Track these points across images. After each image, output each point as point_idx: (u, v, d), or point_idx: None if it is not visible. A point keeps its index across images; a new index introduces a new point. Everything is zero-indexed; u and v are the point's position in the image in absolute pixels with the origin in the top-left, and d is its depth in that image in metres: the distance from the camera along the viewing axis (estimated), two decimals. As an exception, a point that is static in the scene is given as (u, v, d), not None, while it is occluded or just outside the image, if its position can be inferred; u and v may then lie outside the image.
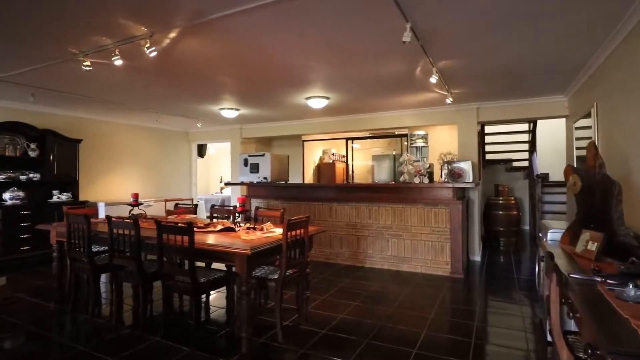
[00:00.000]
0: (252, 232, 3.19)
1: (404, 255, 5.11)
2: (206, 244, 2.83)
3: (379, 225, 5.28)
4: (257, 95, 5.22)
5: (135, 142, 7.53)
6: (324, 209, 5.70)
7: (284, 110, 6.30)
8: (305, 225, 3.16)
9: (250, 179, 6.04)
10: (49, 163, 5.77)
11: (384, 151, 9.91)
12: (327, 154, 9.64)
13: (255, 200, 6.31)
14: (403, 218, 5.11)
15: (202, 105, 5.89)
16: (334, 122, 7.12)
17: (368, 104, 5.84)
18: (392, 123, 6.54)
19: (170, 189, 8.30)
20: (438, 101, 5.55)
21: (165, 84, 4.63)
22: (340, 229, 5.57)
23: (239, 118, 7.22)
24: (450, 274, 4.82)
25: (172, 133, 8.39)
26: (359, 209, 5.43)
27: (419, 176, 4.92)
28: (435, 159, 5.73)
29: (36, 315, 3.53)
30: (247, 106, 5.98)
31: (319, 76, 4.30)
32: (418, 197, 4.99)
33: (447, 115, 6.01)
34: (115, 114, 6.66)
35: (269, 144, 9.16)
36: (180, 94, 5.14)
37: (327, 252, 5.67)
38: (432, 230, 4.94)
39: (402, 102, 5.70)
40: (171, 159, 8.37)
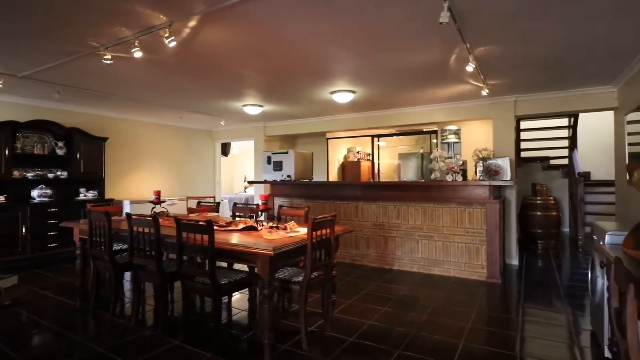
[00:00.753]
0: (275, 232, 3.00)
1: (436, 257, 4.81)
2: (227, 244, 2.66)
3: (408, 226, 5.00)
4: (281, 89, 5.06)
5: (160, 141, 7.54)
6: (349, 208, 5.47)
7: (307, 106, 6.11)
8: (331, 225, 2.95)
9: (274, 177, 5.89)
10: (76, 161, 5.82)
11: (411, 149, 9.60)
12: (351, 152, 9.40)
13: (279, 198, 6.15)
14: (434, 218, 4.81)
15: (225, 102, 5.79)
16: (359, 119, 6.87)
17: (396, 98, 5.56)
18: (421, 119, 6.23)
19: (194, 187, 8.29)
20: (472, 94, 5.21)
21: (187, 79, 4.53)
22: (366, 229, 5.33)
23: (262, 116, 7.10)
24: (486, 279, 4.48)
25: (196, 131, 8.38)
26: (386, 208, 5.17)
27: (451, 174, 4.62)
28: (469, 156, 5.38)
29: (58, 313, 3.48)
30: (270, 102, 5.83)
31: (345, 67, 4.08)
32: (451, 196, 4.68)
33: (481, 109, 5.65)
34: (140, 112, 6.68)
35: (292, 142, 9.01)
36: (203, 89, 5.04)
37: (353, 253, 5.44)
38: (466, 231, 4.62)
39: (433, 96, 5.39)
40: (195, 157, 8.36)
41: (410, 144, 9.67)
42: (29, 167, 5.49)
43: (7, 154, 5.07)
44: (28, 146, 5.46)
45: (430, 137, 7.61)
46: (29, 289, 4.14)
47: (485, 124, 6.51)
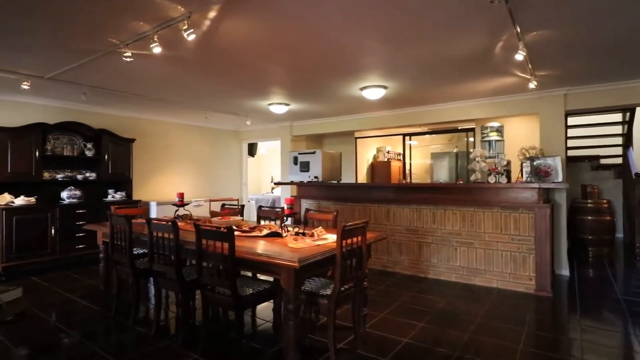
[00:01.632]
0: (300, 239, 2.75)
1: (476, 266, 4.41)
2: (248, 253, 2.43)
3: (444, 231, 4.62)
4: (307, 86, 4.81)
5: (186, 141, 7.50)
6: (380, 211, 5.14)
7: (336, 104, 5.83)
8: (362, 232, 2.66)
9: (300, 178, 5.66)
10: (104, 162, 5.81)
11: (444, 148, 9.13)
12: (381, 151, 9.04)
13: (305, 201, 5.91)
14: (474, 223, 4.41)
15: (250, 101, 5.61)
16: (390, 117, 6.52)
17: (430, 94, 5.18)
18: (457, 115, 5.80)
19: (221, 189, 8.20)
20: (516, 87, 4.76)
21: (210, 77, 4.36)
22: (399, 234, 4.98)
23: (289, 115, 6.89)
24: (535, 292, 4.04)
25: (223, 132, 8.29)
26: (420, 212, 4.80)
27: (494, 174, 4.21)
28: (512, 155, 4.93)
29: (78, 318, 3.38)
30: (296, 100, 5.60)
31: (377, 60, 3.77)
32: (494, 200, 4.27)
33: (526, 104, 5.17)
34: (166, 113, 6.63)
35: (320, 141, 8.76)
36: (227, 88, 4.87)
37: (384, 260, 5.11)
38: (511, 238, 4.19)
39: (471, 91, 4.98)
40: (222, 158, 8.27)
41: (443, 143, 9.18)
42: (59, 168, 5.53)
43: (37, 155, 5.11)
44: (58, 148, 5.49)
45: (467, 135, 7.15)
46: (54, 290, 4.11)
47: (528, 120, 6.00)
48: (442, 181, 5.70)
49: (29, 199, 5.01)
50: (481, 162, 4.33)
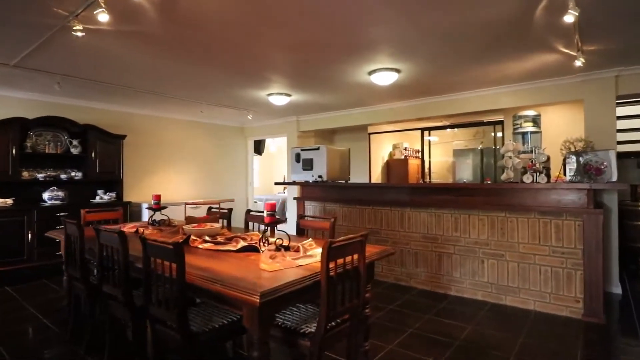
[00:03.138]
0: (280, 256, 2.11)
1: (508, 283, 3.66)
2: (201, 277, 1.81)
3: (469, 240, 3.89)
4: (309, 71, 4.17)
5: (186, 138, 6.98)
6: (393, 215, 4.45)
7: (343, 93, 5.17)
8: (360, 249, 2.00)
9: (304, 178, 5.02)
10: (91, 160, 5.35)
11: (468, 144, 8.31)
12: (398, 148, 8.31)
13: (310, 202, 5.28)
14: (506, 231, 3.66)
15: (247, 91, 5.01)
16: (406, 108, 5.80)
17: (451, 79, 4.45)
18: (483, 105, 5.03)
19: (225, 188, 7.67)
20: (555, 68, 3.98)
21: (193, 62, 3.78)
22: (414, 242, 4.28)
23: (294, 108, 6.27)
24: (583, 317, 3.27)
25: (226, 128, 7.75)
26: (440, 217, 4.08)
27: (530, 173, 3.45)
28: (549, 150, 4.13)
29: (29, 342, 2.85)
30: (298, 90, 4.96)
31: (386, 33, 3.09)
32: (530, 203, 3.51)
33: (567, 90, 4.36)
34: (159, 107, 6.12)
35: (330, 138, 8.11)
36: (215, 75, 4.29)
37: (397, 272, 4.41)
38: (552, 250, 3.43)
39: (501, 74, 4.21)
40: (225, 156, 7.73)
41: (467, 139, 8.36)
42: (41, 167, 5.10)
43: (14, 153, 4.67)
44: (40, 145, 5.06)
45: (494, 129, 6.34)
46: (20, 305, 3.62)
47: (566, 109, 5.16)
48: (465, 181, 4.95)
49: (4, 201, 4.57)
50: (514, 157, 3.58)
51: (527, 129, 4.03)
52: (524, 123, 4.06)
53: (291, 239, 2.36)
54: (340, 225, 4.93)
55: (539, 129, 4.04)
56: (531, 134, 4.06)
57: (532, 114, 4.06)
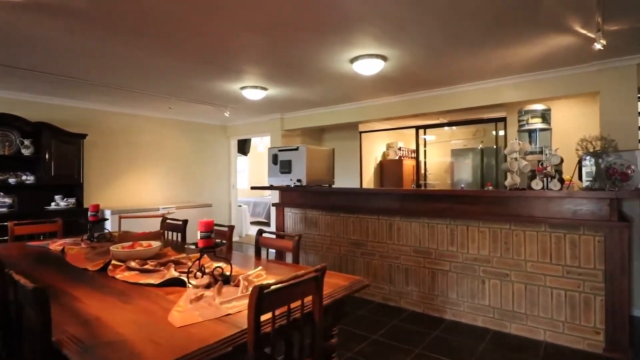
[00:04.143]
0: (208, 297, 1.55)
1: (513, 308, 3.10)
2: (71, 338, 1.25)
3: (467, 256, 3.33)
4: (282, 60, 3.60)
5: (161, 137, 6.42)
6: (380, 225, 3.89)
7: (326, 86, 4.61)
8: (313, 289, 1.44)
9: (281, 182, 4.46)
10: (45, 163, 4.79)
11: (467, 144, 7.76)
12: (392, 148, 7.74)
13: (290, 209, 4.72)
14: (511, 247, 3.10)
15: (216, 84, 4.45)
16: (398, 104, 5.24)
17: (447, 69, 3.89)
18: (484, 99, 4.48)
19: (205, 191, 7.10)
20: (565, 55, 3.42)
21: (143, 46, 3.22)
22: (405, 256, 3.72)
23: (278, 105, 5.72)
24: (604, 352, 2.71)
25: (207, 126, 7.18)
26: (434, 228, 3.52)
27: (540, 178, 2.88)
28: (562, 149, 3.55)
29: None
30: (275, 82, 4.39)
31: (368, 9, 2.52)
32: (540, 214, 2.95)
33: (581, 81, 3.79)
34: (126, 104, 5.55)
35: (318, 137, 7.54)
36: (174, 63, 3.72)
37: (385, 290, 3.85)
38: (566, 270, 2.86)
39: (505, 62, 3.65)
40: (206, 156, 7.16)
41: (466, 138, 7.80)
42: (-15, 170, 4.54)
43: (-50, 154, 4.11)
44: (-15, 145, 4.49)
45: (496, 127, 5.77)
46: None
47: (576, 103, 4.60)
48: (463, 186, 4.37)
49: (-62, 209, 4.01)
50: (520, 160, 3.02)
51: (534, 126, 3.47)
52: (531, 119, 3.50)
53: (241, 264, 1.81)
54: (322, 235, 4.37)
55: (549, 126, 3.47)
56: (540, 131, 3.50)
57: (540, 108, 3.50)
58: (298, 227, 4.64)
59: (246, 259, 2.43)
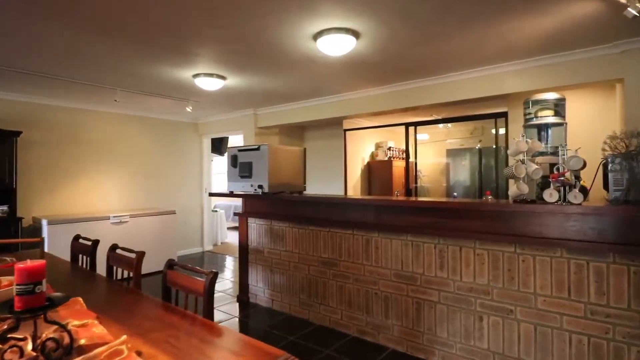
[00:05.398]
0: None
1: (519, 355, 2.40)
2: None
3: (460, 285, 2.63)
4: (231, 35, 2.89)
5: (119, 136, 5.70)
6: (356, 242, 3.19)
7: (293, 73, 3.90)
8: None
9: (241, 188, 3.76)
10: (-33, 165, 4.08)
11: (464, 143, 7.10)
12: (381, 147, 7.05)
13: (254, 220, 4.02)
14: (516, 275, 2.40)
15: (163, 70, 3.73)
16: (384, 97, 4.54)
17: (433, 50, 3.19)
18: (480, 89, 3.78)
19: (173, 196, 6.39)
20: (582, 31, 2.73)
21: (69, 24, 2.51)
22: (384, 281, 3.02)
23: (250, 99, 5.03)
24: None
25: (174, 124, 6.47)
26: (419, 247, 2.82)
27: (555, 187, 2.18)
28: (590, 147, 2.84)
29: None
30: (232, 68, 3.68)
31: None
32: (555, 234, 2.25)
33: (599, 65, 3.09)
34: (69, 96, 4.83)
35: (299, 136, 6.83)
36: (98, 40, 3.01)
37: (360, 321, 3.15)
38: (589, 310, 2.17)
39: (504, 42, 2.96)
40: (174, 157, 6.45)
41: (463, 136, 7.13)
42: None
43: None
44: None
45: (496, 123, 5.06)
46: None
47: (589, 94, 3.90)
48: (456, 195, 3.65)
49: None
50: (529, 162, 2.32)
51: (545, 120, 2.76)
52: (541, 111, 2.80)
53: (123, 320, 1.10)
54: (289, 252, 3.68)
55: (563, 120, 2.77)
56: (551, 127, 2.79)
57: (552, 97, 2.79)
58: (263, 240, 3.94)
59: (138, 306, 1.70)
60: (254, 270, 4.04)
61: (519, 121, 3.95)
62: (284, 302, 3.74)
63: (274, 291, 3.84)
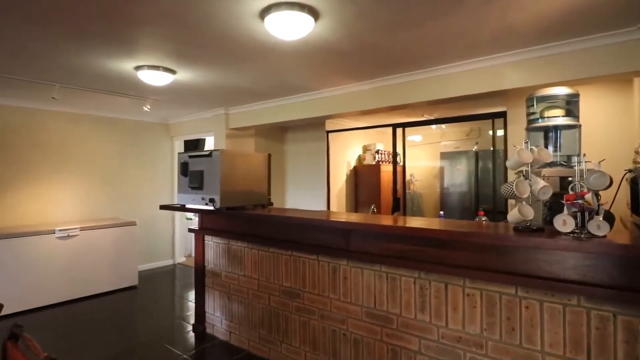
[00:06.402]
0: None
1: None
2: None
3: (446, 332, 2.05)
4: (176, 18, 2.32)
5: (76, 138, 5.12)
6: (322, 270, 2.62)
7: (251, 66, 3.33)
8: None
9: (191, 201, 3.18)
10: None
11: (460, 145, 6.56)
12: (369, 151, 6.47)
13: (212, 238, 3.45)
14: (517, 326, 1.83)
15: (99, 61, 3.15)
16: (368, 93, 3.98)
17: (417, 33, 2.62)
18: (476, 85, 3.22)
19: (139, 204, 5.81)
20: (595, 16, 2.16)
21: None
22: (354, 320, 2.44)
23: (220, 98, 4.47)
24: None
25: (141, 125, 5.90)
26: (396, 282, 2.25)
27: (570, 212, 1.61)
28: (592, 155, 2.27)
29: None
30: (181, 60, 3.11)
31: None
32: (568, 275, 1.68)
33: (619, 54, 2.52)
34: (3, 93, 4.27)
35: (279, 138, 6.25)
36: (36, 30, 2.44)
37: (327, 368, 2.58)
38: (619, 382, 1.60)
39: (502, 24, 2.39)
40: (141, 161, 5.87)
41: (459, 138, 6.58)
42: None
43: None
44: None
45: (493, 124, 4.49)
46: None
47: (603, 89, 3.33)
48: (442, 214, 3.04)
49: None
50: (534, 177, 1.75)
51: (554, 121, 2.18)
52: (548, 110, 2.22)
53: None
54: (248, 277, 3.11)
55: (577, 121, 2.19)
56: (562, 129, 2.22)
57: (563, 93, 2.21)
58: (221, 261, 3.37)
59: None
60: (211, 296, 3.47)
61: (520, 122, 3.39)
62: (243, 336, 3.17)
63: (232, 322, 3.27)
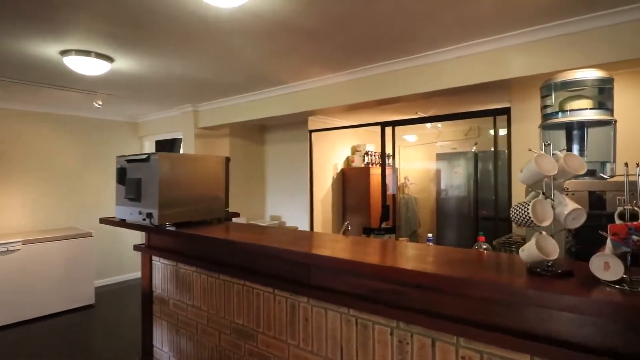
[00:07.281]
0: None
1: None
2: None
3: (433, 406, 1.49)
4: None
5: (29, 139, 4.57)
6: (278, 307, 2.05)
7: (200, 49, 2.78)
8: None
9: (130, 215, 2.62)
10: None
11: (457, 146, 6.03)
12: (358, 152, 5.91)
13: (158, 260, 2.89)
14: (534, 413, 1.27)
15: (16, 43, 2.60)
16: (351, 85, 3.43)
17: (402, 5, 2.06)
18: (476, 73, 2.66)
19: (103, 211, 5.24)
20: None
21: None
22: (317, 374, 1.88)
23: (189, 93, 3.91)
24: None
25: (106, 124, 5.34)
26: (368, 329, 1.69)
27: (619, 250, 1.05)
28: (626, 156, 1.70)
29: None
30: (113, 42, 2.55)
31: None
32: (609, 342, 1.11)
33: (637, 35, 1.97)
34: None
35: (258, 139, 5.69)
36: None
37: None
38: None
39: None
40: (106, 164, 5.31)
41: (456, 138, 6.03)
42: None
43: None
44: None
45: (495, 122, 3.92)
46: None
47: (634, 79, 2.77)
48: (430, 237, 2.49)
49: None
50: (558, 195, 1.20)
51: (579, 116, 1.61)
52: (571, 101, 1.65)
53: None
54: (197, 308, 2.55)
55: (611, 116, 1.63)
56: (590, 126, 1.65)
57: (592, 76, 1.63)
58: (169, 287, 2.81)
59: None
60: (159, 327, 2.91)
61: (526, 120, 2.85)
62: (192, 379, 2.61)
63: (181, 361, 2.71)
